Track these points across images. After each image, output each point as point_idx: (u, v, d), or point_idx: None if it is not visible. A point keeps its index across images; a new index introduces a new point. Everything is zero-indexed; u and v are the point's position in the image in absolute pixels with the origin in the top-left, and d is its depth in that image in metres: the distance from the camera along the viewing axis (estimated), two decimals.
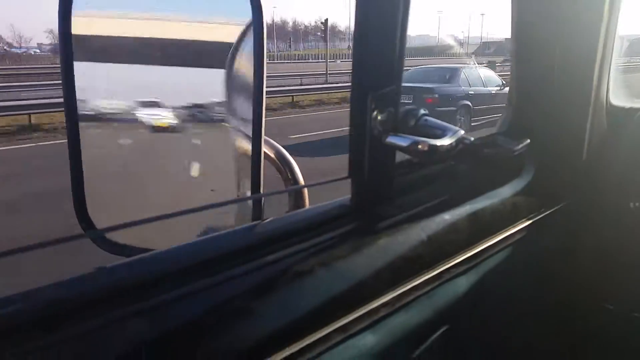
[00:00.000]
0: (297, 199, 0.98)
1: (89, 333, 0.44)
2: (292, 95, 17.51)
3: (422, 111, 0.77)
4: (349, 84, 0.68)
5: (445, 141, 0.71)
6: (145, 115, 0.84)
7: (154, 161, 0.97)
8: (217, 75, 0.83)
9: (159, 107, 0.85)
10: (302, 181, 1.01)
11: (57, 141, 9.92)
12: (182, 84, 0.84)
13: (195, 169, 0.95)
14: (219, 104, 0.87)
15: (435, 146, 0.69)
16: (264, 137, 0.85)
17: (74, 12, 0.74)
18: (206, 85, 0.85)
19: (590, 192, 1.11)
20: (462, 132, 0.74)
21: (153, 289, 0.50)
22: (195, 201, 0.96)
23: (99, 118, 0.85)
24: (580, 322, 1.16)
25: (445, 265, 0.75)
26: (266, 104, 0.79)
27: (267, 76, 0.74)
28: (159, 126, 0.86)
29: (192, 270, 0.55)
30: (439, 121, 0.76)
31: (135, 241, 0.83)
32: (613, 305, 1.13)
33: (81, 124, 0.80)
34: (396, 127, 0.71)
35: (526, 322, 0.99)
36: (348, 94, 0.71)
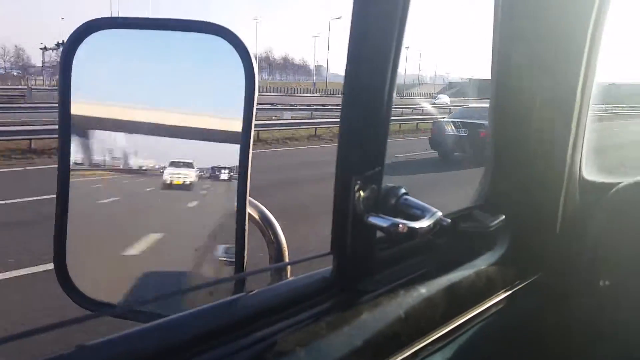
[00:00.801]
0: (279, 268, 1.00)
1: None
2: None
3: (402, 190, 0.80)
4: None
5: (424, 223, 0.74)
6: (168, 173, 0.90)
7: (142, 216, 1.00)
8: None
9: (192, 167, 0.90)
10: (284, 244, 1.03)
11: None
12: (208, 150, 0.90)
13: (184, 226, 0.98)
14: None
15: (414, 228, 0.72)
16: (248, 198, 0.87)
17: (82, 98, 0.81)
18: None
19: (562, 266, 1.14)
20: (440, 213, 0.78)
21: None
22: (176, 257, 0.98)
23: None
24: None
25: (421, 343, 0.77)
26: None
27: None
28: (172, 184, 0.91)
29: (172, 352, 0.55)
30: (418, 201, 0.79)
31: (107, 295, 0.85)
32: None
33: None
34: (377, 206, 0.74)
35: None
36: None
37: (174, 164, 0.92)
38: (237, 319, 0.63)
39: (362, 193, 0.71)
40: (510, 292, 1.01)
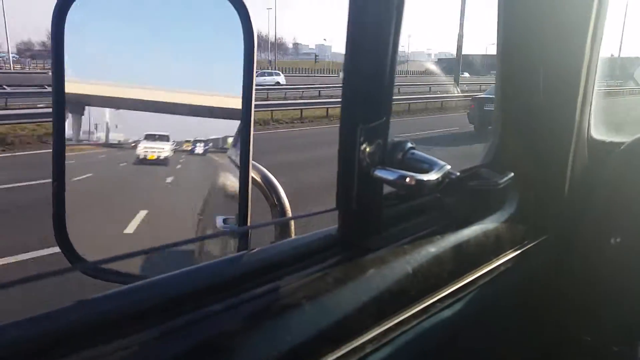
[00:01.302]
0: (283, 227, 0.98)
1: None
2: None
3: (409, 144, 0.78)
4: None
5: (432, 176, 0.72)
6: (142, 147, 0.87)
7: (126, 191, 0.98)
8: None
9: (167, 140, 0.87)
10: (288, 207, 1.01)
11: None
12: (193, 123, 0.87)
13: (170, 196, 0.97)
14: (223, 138, 0.90)
15: (422, 181, 0.69)
16: (251, 162, 0.85)
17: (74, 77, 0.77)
18: (215, 124, 0.88)
19: (572, 226, 1.13)
20: (448, 166, 0.75)
21: (133, 324, 0.50)
22: (180, 228, 0.96)
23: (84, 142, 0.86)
24: (559, 355, 1.17)
25: (430, 300, 0.75)
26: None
27: None
28: (146, 158, 0.88)
29: (175, 304, 0.54)
30: (426, 155, 0.77)
31: (117, 267, 0.82)
32: (591, 338, 1.14)
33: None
34: (384, 160, 0.72)
35: (510, 354, 0.99)
36: None
37: (149, 136, 0.88)
38: (241, 274, 0.62)
39: (367, 145, 0.69)
40: (519, 251, 0.99)
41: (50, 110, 0.81)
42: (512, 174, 0.97)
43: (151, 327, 0.50)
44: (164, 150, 0.89)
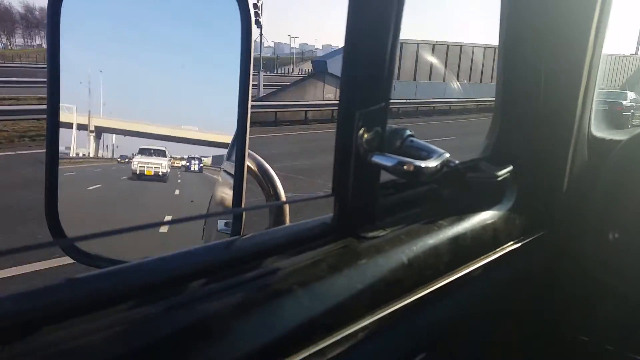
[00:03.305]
0: (278, 215, 0.97)
1: (55, 345, 0.42)
2: None
3: (407, 132, 0.76)
4: None
5: (431, 163, 0.70)
6: (136, 162, 0.85)
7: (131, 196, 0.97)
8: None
9: (164, 156, 0.85)
10: (284, 197, 1.00)
11: None
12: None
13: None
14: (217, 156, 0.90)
15: (420, 167, 0.68)
16: (247, 150, 0.84)
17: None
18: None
19: (570, 221, 1.12)
20: (447, 154, 0.74)
21: (124, 303, 0.49)
22: (193, 231, 0.96)
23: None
24: (554, 354, 1.16)
25: (424, 291, 0.74)
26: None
27: None
28: (144, 174, 0.86)
29: (166, 285, 0.53)
30: (424, 143, 0.76)
31: (107, 252, 0.81)
32: (588, 337, 1.13)
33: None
34: (382, 147, 0.70)
35: (503, 350, 0.98)
36: None
37: (144, 151, 0.85)
38: (232, 258, 0.61)
39: (365, 131, 0.67)
40: (516, 245, 0.98)
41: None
42: (511, 167, 0.96)
43: (140, 306, 0.49)
44: (162, 166, 0.87)
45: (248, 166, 0.88)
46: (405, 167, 0.67)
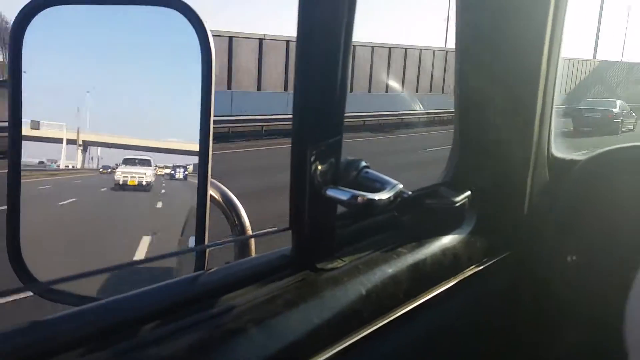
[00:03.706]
0: (242, 246, 0.97)
1: None
2: None
3: (363, 163, 0.78)
4: None
5: (384, 195, 0.72)
6: (120, 172, 0.84)
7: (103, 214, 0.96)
8: None
9: (149, 165, 0.85)
10: (248, 226, 1.00)
11: None
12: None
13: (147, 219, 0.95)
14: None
15: (374, 200, 0.70)
16: (210, 180, 0.84)
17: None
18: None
19: (531, 243, 1.13)
20: (401, 185, 0.76)
21: (84, 346, 0.49)
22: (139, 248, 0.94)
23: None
24: None
25: (383, 321, 0.75)
26: None
27: None
28: (127, 184, 0.85)
29: (120, 328, 0.53)
30: (379, 174, 0.77)
31: (73, 289, 0.80)
32: (552, 357, 1.14)
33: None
34: (337, 179, 0.72)
35: None
36: None
37: (128, 161, 0.85)
38: (192, 296, 0.62)
39: (319, 165, 0.68)
40: (477, 269, 1.00)
41: None
42: (469, 192, 0.98)
43: (100, 350, 0.49)
44: (146, 175, 0.87)
45: (212, 196, 0.88)
46: (358, 200, 0.68)
